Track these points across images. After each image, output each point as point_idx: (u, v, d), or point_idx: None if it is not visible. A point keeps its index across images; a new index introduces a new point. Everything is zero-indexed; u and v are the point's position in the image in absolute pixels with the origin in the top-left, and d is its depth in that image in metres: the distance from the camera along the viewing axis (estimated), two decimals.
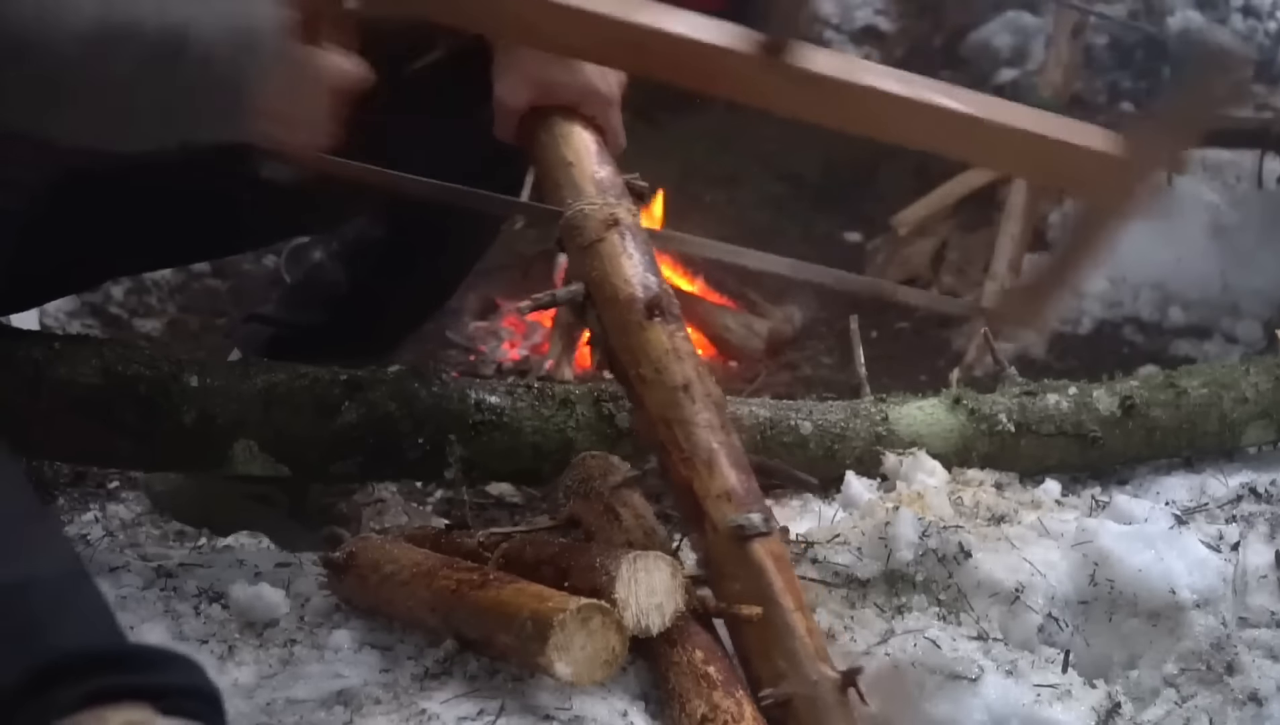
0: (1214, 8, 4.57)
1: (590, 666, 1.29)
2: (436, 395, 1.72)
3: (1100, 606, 1.57)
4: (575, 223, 1.55)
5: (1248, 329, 3.60)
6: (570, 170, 1.58)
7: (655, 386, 1.46)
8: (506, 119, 1.65)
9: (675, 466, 1.43)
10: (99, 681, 1.00)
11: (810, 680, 1.31)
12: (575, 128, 1.61)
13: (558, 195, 1.58)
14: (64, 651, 1.02)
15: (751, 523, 1.38)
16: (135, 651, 1.11)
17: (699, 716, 1.29)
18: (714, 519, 1.39)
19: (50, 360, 1.64)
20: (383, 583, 1.51)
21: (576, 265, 1.55)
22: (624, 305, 1.49)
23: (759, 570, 1.36)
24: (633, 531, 1.50)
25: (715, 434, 1.43)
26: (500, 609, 1.35)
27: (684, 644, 1.36)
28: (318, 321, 1.94)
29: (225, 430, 1.68)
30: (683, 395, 1.44)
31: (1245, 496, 1.79)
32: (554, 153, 1.60)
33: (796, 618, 1.34)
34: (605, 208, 1.54)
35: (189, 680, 1.06)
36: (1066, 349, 3.61)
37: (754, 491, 1.42)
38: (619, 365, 1.50)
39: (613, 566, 1.35)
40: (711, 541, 1.39)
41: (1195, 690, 1.48)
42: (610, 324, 1.50)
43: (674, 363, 1.46)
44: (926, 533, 1.59)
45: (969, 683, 1.40)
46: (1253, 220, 3.75)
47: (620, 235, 1.53)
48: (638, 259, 1.52)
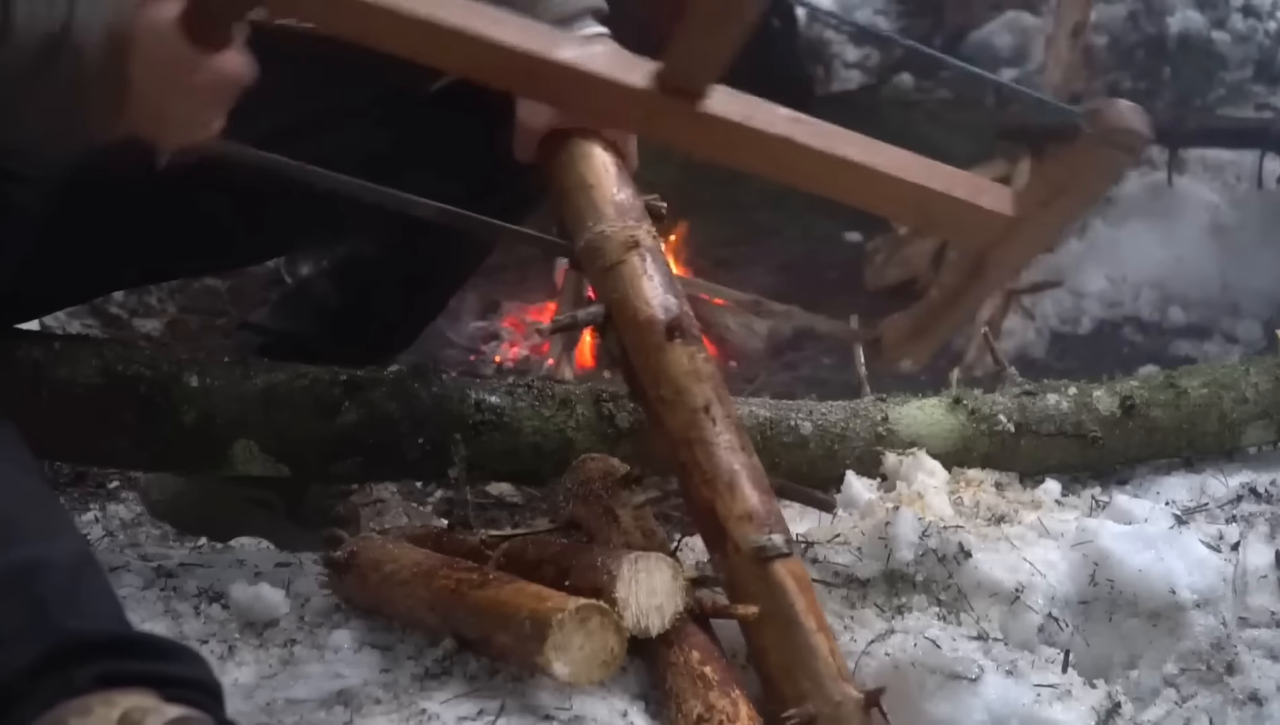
0: (1214, 8, 4.57)
1: (588, 667, 1.29)
2: (436, 395, 1.72)
3: (1100, 606, 1.57)
4: (596, 245, 1.55)
5: (1248, 329, 3.60)
6: (591, 192, 1.58)
7: (676, 408, 1.46)
8: (527, 140, 1.65)
9: (697, 488, 1.43)
10: (110, 665, 1.03)
11: (834, 701, 1.31)
12: (595, 149, 1.61)
13: (578, 217, 1.58)
14: (78, 634, 1.04)
15: (774, 544, 1.38)
16: (144, 639, 1.13)
17: (695, 716, 1.30)
18: (736, 540, 1.39)
19: (50, 360, 1.64)
20: (383, 582, 1.51)
21: (598, 287, 1.55)
22: (645, 327, 1.49)
23: (781, 591, 1.36)
24: (631, 533, 1.51)
25: (737, 455, 1.43)
26: (499, 608, 1.35)
27: (681, 645, 1.37)
28: (308, 333, 1.93)
29: (225, 430, 1.68)
30: (703, 417, 1.44)
31: (1245, 496, 1.79)
32: (574, 175, 1.60)
33: (819, 638, 1.35)
34: (625, 230, 1.54)
35: (193, 671, 1.08)
36: (1066, 349, 3.61)
37: (775, 512, 1.42)
38: (640, 386, 1.50)
39: (614, 566, 1.36)
40: (734, 562, 1.40)
41: (1195, 690, 1.48)
42: (631, 345, 1.50)
43: (694, 384, 1.46)
44: (926, 533, 1.59)
45: (969, 683, 1.40)
46: (1253, 220, 3.76)
47: (640, 257, 1.53)
48: (658, 281, 1.52)
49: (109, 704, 1.00)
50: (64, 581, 1.08)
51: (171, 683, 1.04)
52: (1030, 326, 3.68)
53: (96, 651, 1.04)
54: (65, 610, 1.06)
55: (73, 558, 1.12)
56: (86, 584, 1.11)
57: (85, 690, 1.01)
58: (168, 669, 1.06)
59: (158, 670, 1.05)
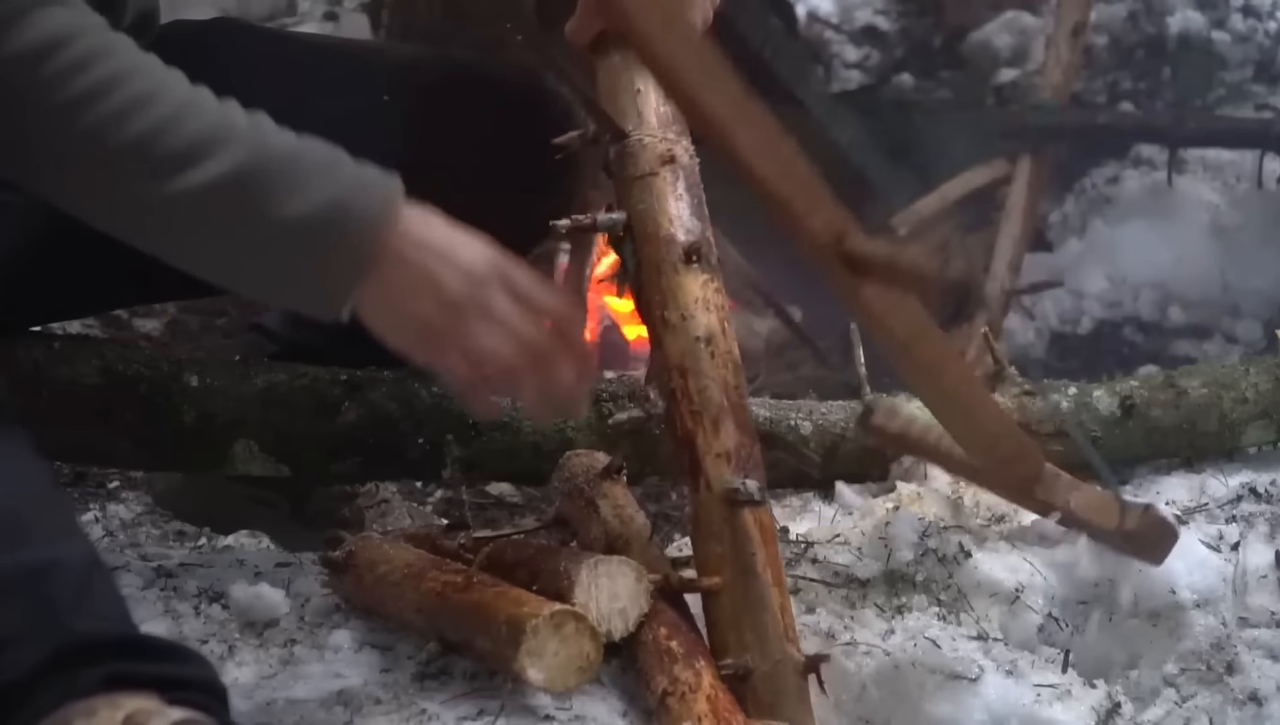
0: (1214, 8, 4.56)
1: (564, 673, 1.29)
2: (436, 395, 1.72)
3: (1100, 606, 1.57)
4: (631, 150, 1.50)
5: (1248, 329, 3.60)
6: (637, 97, 1.53)
7: (678, 332, 1.42)
8: (587, 26, 1.59)
9: (681, 417, 1.40)
10: (116, 667, 1.03)
11: (773, 658, 1.29)
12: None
13: (619, 119, 1.53)
14: (87, 635, 1.04)
15: (746, 489, 1.35)
16: (150, 642, 1.13)
17: (660, 691, 1.29)
18: (709, 477, 1.37)
19: (50, 360, 1.64)
20: (377, 583, 1.52)
21: (622, 195, 1.51)
22: (663, 244, 1.45)
23: (745, 538, 1.34)
24: (610, 521, 1.48)
25: (729, 393, 1.40)
26: (479, 612, 1.34)
27: (651, 623, 1.35)
28: (320, 345, 1.92)
29: (225, 430, 1.68)
30: (703, 347, 1.41)
31: (1245, 496, 1.79)
32: (624, 77, 1.55)
33: (772, 593, 1.32)
34: (664, 142, 1.50)
35: (197, 673, 1.09)
36: (1066, 349, 3.60)
37: (755, 458, 1.39)
38: (646, 304, 1.47)
39: (574, 571, 1.35)
40: (703, 499, 1.37)
41: (1195, 690, 1.48)
42: (645, 260, 1.46)
43: (701, 312, 1.43)
44: (926, 533, 1.59)
45: (969, 683, 1.40)
46: (1253, 220, 3.75)
47: (674, 173, 1.49)
48: (687, 201, 1.48)
49: (114, 706, 1.00)
50: (74, 583, 1.08)
51: (176, 685, 1.04)
52: (1030, 326, 3.67)
53: (104, 653, 1.04)
54: (74, 612, 1.06)
55: (82, 560, 1.12)
56: (96, 586, 1.11)
57: (92, 692, 1.01)
58: (173, 671, 1.06)
59: (163, 672, 1.05)
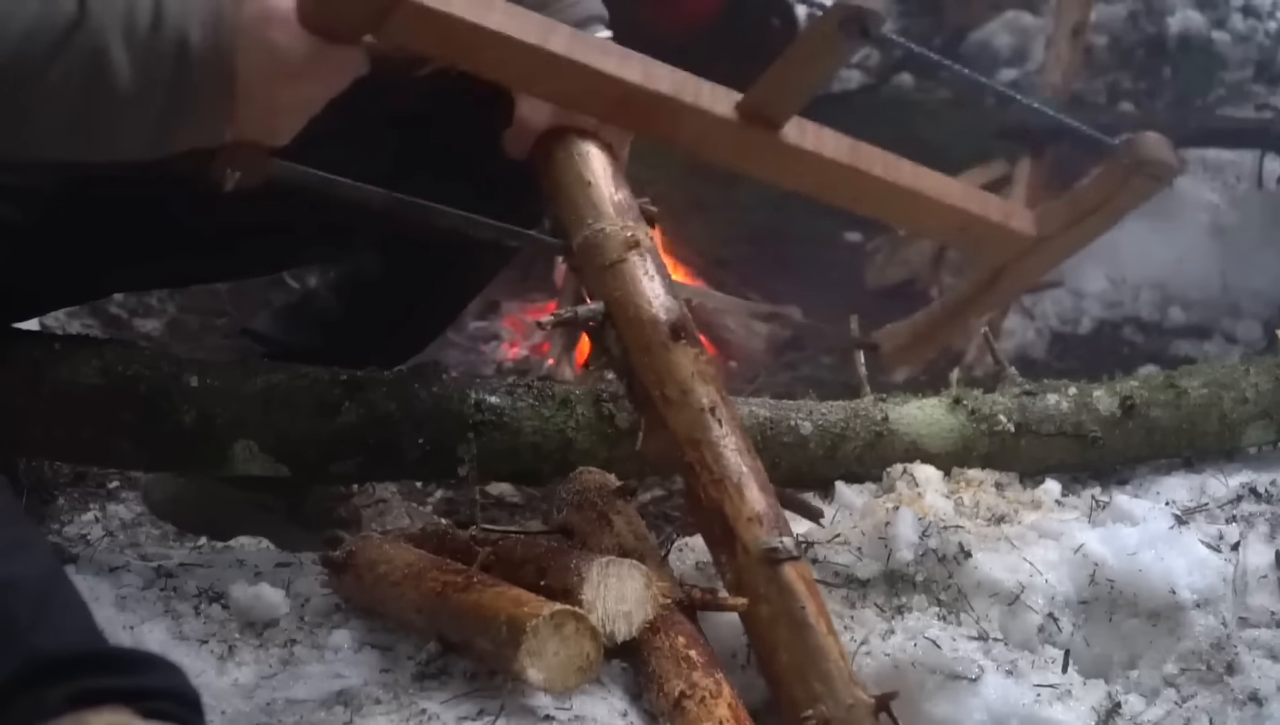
0: (1214, 8, 4.57)
1: (564, 673, 1.29)
2: (436, 395, 1.72)
3: (1100, 606, 1.57)
4: (595, 242, 1.54)
5: (1248, 329, 3.60)
6: (590, 190, 1.58)
7: (681, 408, 1.46)
8: (523, 136, 1.63)
9: (705, 488, 1.43)
10: (81, 684, 0.99)
11: (845, 704, 1.31)
12: (593, 149, 1.60)
13: (576, 214, 1.57)
14: (49, 653, 1.01)
15: (785, 546, 1.38)
16: (116, 654, 1.09)
17: (676, 694, 1.30)
18: (745, 542, 1.39)
19: (50, 360, 1.64)
20: (377, 582, 1.52)
21: (595, 285, 1.55)
22: (648, 325, 1.49)
23: (791, 593, 1.37)
24: (624, 535, 1.52)
25: (744, 457, 1.44)
26: (479, 612, 1.35)
27: (667, 631, 1.37)
28: (311, 346, 1.92)
29: (225, 430, 1.68)
30: (710, 417, 1.45)
31: (1245, 496, 1.79)
32: (573, 172, 1.59)
33: (830, 641, 1.35)
34: (625, 229, 1.55)
35: (169, 683, 1.05)
36: (1066, 349, 3.61)
37: (779, 515, 1.43)
38: (640, 385, 1.50)
39: (585, 569, 1.36)
40: (743, 564, 1.40)
41: (1195, 690, 1.48)
42: (633, 344, 1.50)
43: (700, 385, 1.46)
44: (926, 533, 1.59)
45: (969, 683, 1.40)
46: (1253, 220, 3.76)
47: (641, 256, 1.53)
48: (659, 282, 1.52)
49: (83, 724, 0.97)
50: (32, 599, 1.04)
51: (147, 695, 1.01)
52: (1030, 326, 3.68)
53: (68, 670, 1.00)
54: (34, 628, 1.02)
55: (41, 573, 1.08)
56: (57, 600, 1.07)
57: (58, 712, 0.97)
58: (142, 682, 1.03)
59: (132, 684, 1.02)
